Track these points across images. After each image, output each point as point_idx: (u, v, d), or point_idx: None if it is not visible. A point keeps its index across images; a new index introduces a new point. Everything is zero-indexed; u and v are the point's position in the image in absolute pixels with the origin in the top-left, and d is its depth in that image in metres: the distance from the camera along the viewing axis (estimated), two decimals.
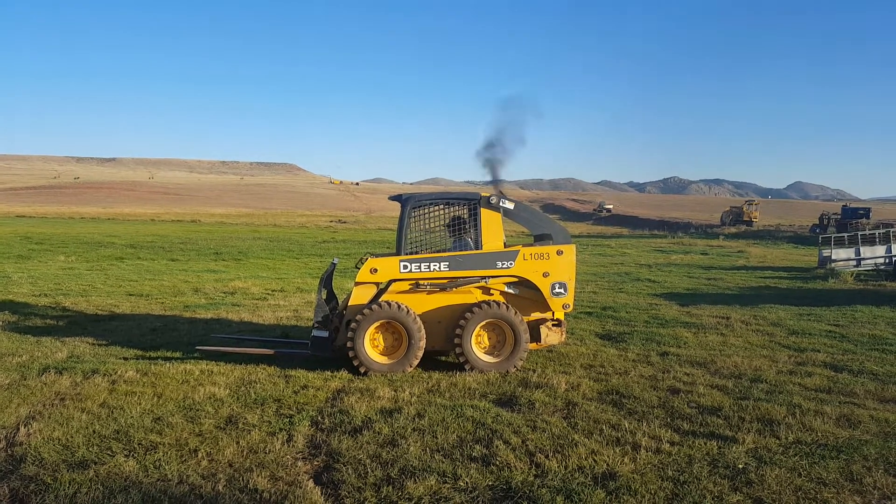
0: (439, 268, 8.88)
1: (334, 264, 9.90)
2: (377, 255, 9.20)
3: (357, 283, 9.06)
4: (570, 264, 8.99)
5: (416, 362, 8.70)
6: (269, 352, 9.34)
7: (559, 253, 8.96)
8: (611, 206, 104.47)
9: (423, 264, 8.88)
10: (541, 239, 9.34)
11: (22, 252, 26.62)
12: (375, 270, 8.96)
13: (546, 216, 9.87)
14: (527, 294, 9.15)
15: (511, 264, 8.92)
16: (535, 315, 9.17)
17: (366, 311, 8.60)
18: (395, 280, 9.08)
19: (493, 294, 9.13)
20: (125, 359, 9.31)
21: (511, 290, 9.15)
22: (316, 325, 9.05)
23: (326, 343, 8.95)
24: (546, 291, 8.92)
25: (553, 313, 9.17)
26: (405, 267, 8.89)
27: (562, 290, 8.93)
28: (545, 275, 8.91)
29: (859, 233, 27.77)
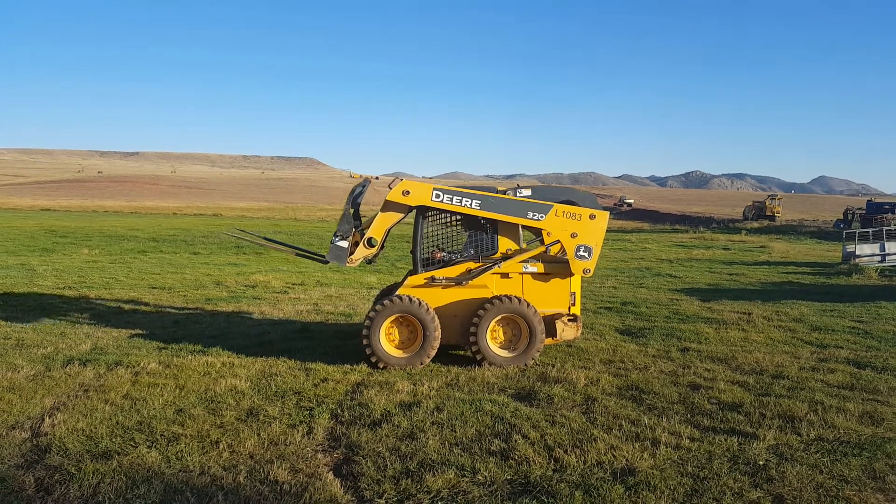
0: (471, 204, 8.84)
1: (368, 181, 9.96)
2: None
3: (387, 203, 9.03)
4: (600, 231, 8.93)
5: (431, 356, 8.73)
6: (291, 252, 10.56)
7: (592, 217, 8.89)
8: (632, 201, 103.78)
9: (455, 197, 8.85)
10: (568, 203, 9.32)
11: (47, 245, 27.03)
12: (408, 192, 8.92)
13: (568, 187, 9.84)
14: (549, 269, 9.06)
15: (542, 217, 8.85)
16: (551, 309, 9.13)
17: (381, 305, 8.66)
18: (425, 207, 9.04)
19: (511, 277, 9.07)
20: (148, 351, 9.44)
21: (529, 269, 9.05)
22: (338, 235, 9.15)
23: (344, 254, 9.10)
24: (570, 252, 8.86)
25: (571, 286, 9.12)
26: (437, 196, 8.86)
27: (585, 254, 8.86)
28: (573, 235, 8.85)
29: (884, 228, 27.27)
